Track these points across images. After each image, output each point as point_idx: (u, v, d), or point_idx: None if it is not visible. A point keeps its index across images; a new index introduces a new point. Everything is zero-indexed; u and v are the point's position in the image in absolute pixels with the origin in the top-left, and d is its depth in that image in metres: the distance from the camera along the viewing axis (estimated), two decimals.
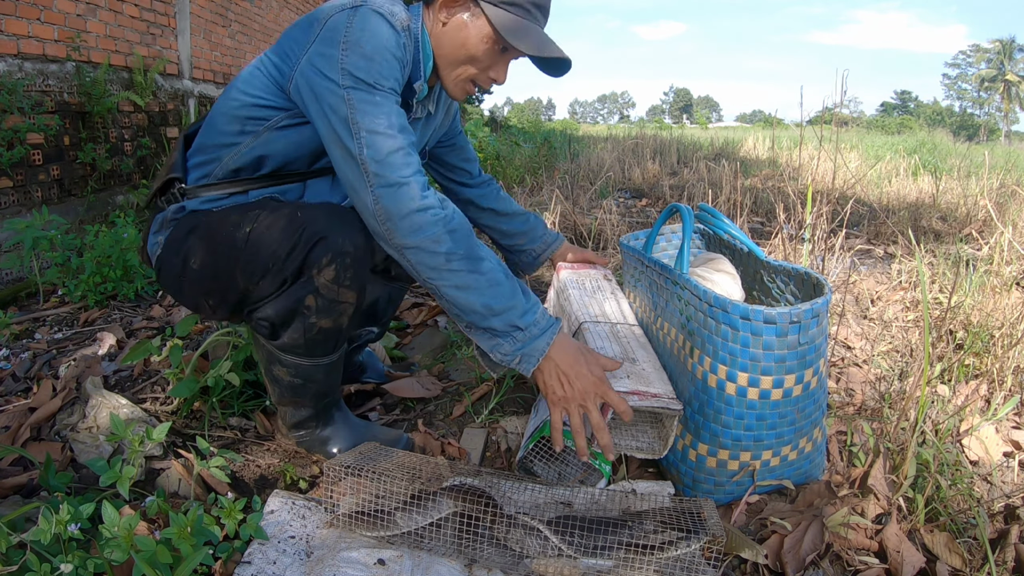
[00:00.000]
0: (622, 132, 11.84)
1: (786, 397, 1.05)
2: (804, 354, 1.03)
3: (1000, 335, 1.61)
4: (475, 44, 1.06)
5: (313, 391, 1.19)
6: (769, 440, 1.07)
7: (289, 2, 6.03)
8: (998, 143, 22.29)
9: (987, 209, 3.50)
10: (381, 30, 0.98)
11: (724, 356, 1.05)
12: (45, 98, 2.66)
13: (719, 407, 1.08)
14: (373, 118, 0.96)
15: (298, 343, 1.10)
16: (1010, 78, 50.46)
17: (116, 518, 0.84)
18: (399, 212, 0.95)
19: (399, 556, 0.92)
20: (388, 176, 0.95)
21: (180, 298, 1.19)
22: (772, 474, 1.11)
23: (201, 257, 1.09)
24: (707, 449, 1.10)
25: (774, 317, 0.99)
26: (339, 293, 1.04)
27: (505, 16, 1.03)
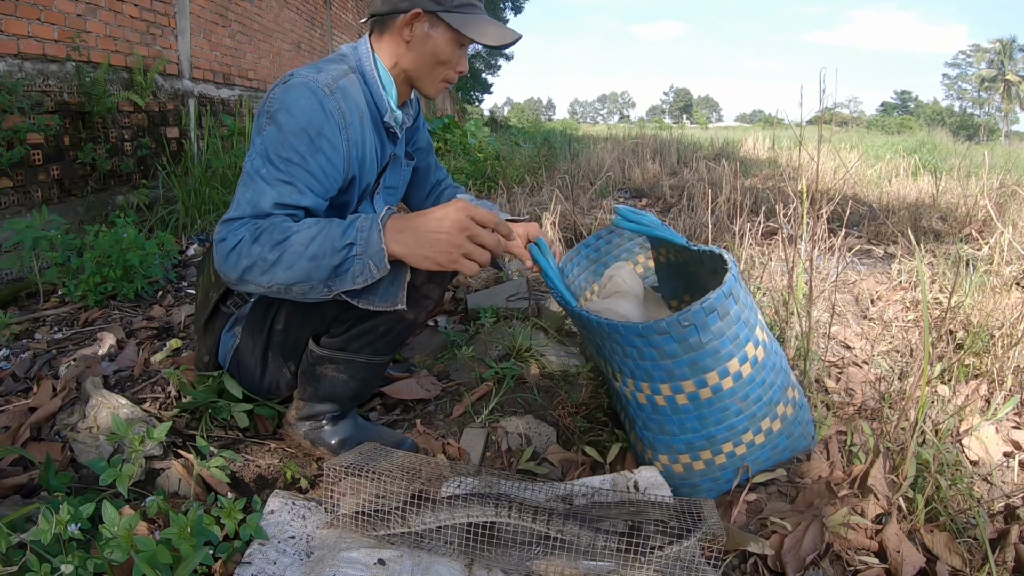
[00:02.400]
0: (622, 132, 11.83)
1: (717, 393, 1.04)
2: (716, 350, 1.01)
3: (1000, 335, 1.61)
4: (443, 49, 1.18)
5: (351, 392, 1.22)
6: (722, 434, 1.08)
7: (289, 2, 6.03)
8: (998, 143, 22.28)
9: (987, 209, 3.50)
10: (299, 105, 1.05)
11: (640, 374, 1.07)
12: (45, 98, 2.66)
13: (659, 420, 1.10)
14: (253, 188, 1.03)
15: (378, 330, 1.15)
16: (1010, 78, 50.44)
17: (116, 518, 0.84)
18: (220, 261, 1.01)
19: (399, 556, 0.92)
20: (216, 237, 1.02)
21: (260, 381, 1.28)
22: (746, 460, 1.12)
23: (286, 313, 1.19)
24: (668, 458, 1.13)
25: (665, 328, 0.99)
26: (430, 290, 1.11)
27: (461, 18, 1.16)
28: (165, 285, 2.40)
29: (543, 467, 1.28)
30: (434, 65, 1.19)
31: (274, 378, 1.28)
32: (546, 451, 1.33)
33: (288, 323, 1.20)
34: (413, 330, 1.20)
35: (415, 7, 1.14)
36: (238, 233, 1.00)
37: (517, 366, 1.60)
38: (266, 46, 5.44)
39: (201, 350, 1.33)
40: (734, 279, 1.02)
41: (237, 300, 1.29)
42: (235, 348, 1.28)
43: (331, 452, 1.25)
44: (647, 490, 1.12)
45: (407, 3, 1.14)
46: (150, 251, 2.29)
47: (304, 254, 0.98)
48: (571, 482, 1.13)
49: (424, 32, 1.16)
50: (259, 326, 1.23)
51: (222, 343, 1.30)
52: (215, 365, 1.32)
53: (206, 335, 1.31)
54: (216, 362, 1.31)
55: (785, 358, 1.17)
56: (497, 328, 1.85)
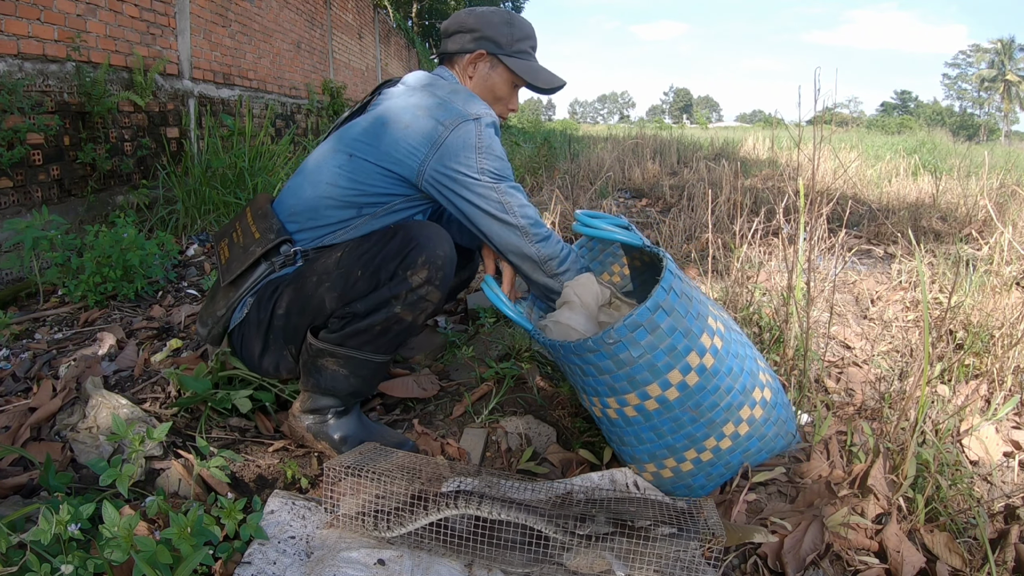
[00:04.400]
0: (622, 132, 11.83)
1: (663, 404, 1.04)
2: (652, 363, 1.00)
3: (1000, 335, 1.61)
4: (501, 87, 1.41)
5: (351, 388, 1.24)
6: (680, 443, 1.07)
7: (289, 2, 6.03)
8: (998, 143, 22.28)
9: (987, 209, 3.50)
10: (497, 138, 1.30)
11: (590, 389, 1.09)
12: (45, 98, 2.66)
13: (617, 432, 1.11)
14: (519, 199, 1.28)
15: (374, 329, 1.18)
16: (1010, 78, 50.43)
17: (116, 518, 0.84)
18: (553, 253, 1.30)
19: (399, 556, 0.92)
20: (541, 232, 1.29)
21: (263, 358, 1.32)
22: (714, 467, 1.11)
23: (288, 299, 1.25)
24: (635, 468, 1.14)
25: (592, 346, 0.99)
26: (428, 292, 1.17)
27: (520, 63, 1.39)
28: (165, 285, 2.40)
29: (543, 467, 1.28)
30: (492, 100, 1.40)
31: (273, 359, 1.31)
32: (546, 451, 1.33)
33: (289, 308, 1.25)
34: (411, 332, 1.23)
35: (480, 49, 1.36)
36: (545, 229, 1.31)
37: (517, 366, 1.60)
38: (266, 46, 5.44)
39: (219, 304, 1.32)
40: (663, 291, 0.99)
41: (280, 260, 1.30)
42: (242, 320, 1.31)
43: (332, 447, 1.25)
44: (647, 490, 1.12)
45: (473, 45, 1.37)
46: (150, 251, 2.29)
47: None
48: (570, 480, 1.13)
49: (486, 71, 1.39)
50: (265, 305, 1.28)
51: (236, 311, 1.32)
52: (222, 330, 1.32)
53: (230, 290, 1.31)
54: (224, 327, 1.32)
55: (752, 359, 1.14)
56: (497, 328, 1.85)
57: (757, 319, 1.74)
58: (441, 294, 1.20)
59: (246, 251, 1.31)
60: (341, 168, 1.29)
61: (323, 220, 1.31)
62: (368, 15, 9.71)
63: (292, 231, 1.31)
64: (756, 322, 1.71)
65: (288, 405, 1.42)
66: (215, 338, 1.34)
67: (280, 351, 1.29)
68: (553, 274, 1.31)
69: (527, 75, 1.38)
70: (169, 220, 3.15)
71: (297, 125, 6.07)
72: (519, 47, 1.38)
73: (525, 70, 1.39)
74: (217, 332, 1.33)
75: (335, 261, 1.21)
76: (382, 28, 10.71)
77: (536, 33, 1.44)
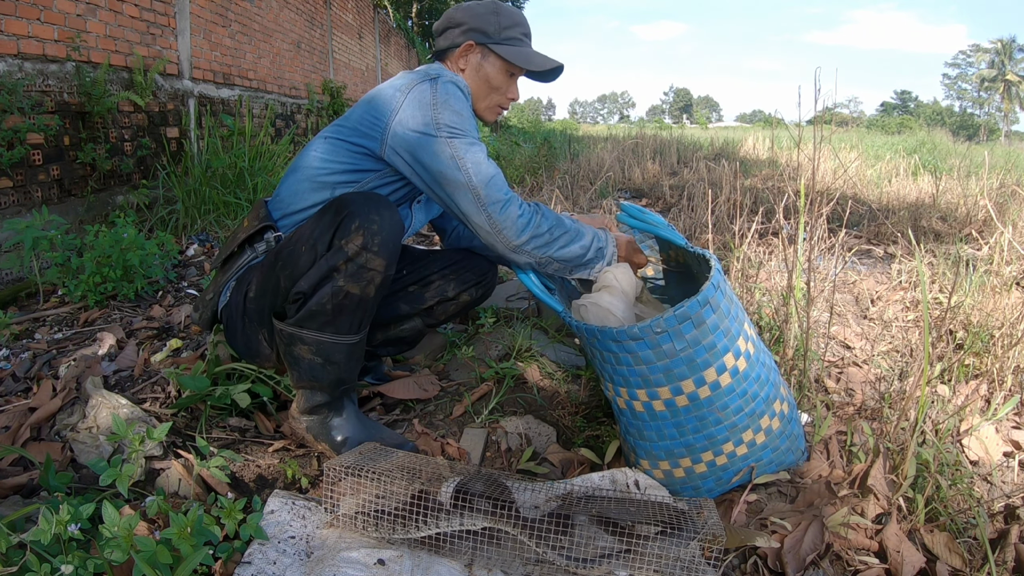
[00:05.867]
0: (622, 132, 11.83)
1: (693, 401, 1.03)
2: (692, 358, 1.01)
3: (1000, 335, 1.61)
4: (495, 76, 1.37)
5: (332, 376, 1.21)
6: (700, 443, 1.07)
7: (289, 2, 6.03)
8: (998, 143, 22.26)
9: (987, 209, 3.50)
10: (458, 96, 1.25)
11: (619, 379, 1.07)
12: (45, 98, 2.65)
13: (638, 425, 1.09)
14: (473, 155, 1.20)
15: (325, 309, 1.14)
16: (1010, 78, 50.41)
17: (116, 518, 0.84)
18: (508, 222, 1.20)
19: (399, 556, 0.92)
20: (495, 196, 1.20)
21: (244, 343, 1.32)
22: (725, 472, 1.11)
23: (256, 281, 1.26)
24: (648, 463, 1.13)
25: (638, 333, 0.99)
26: (367, 259, 1.12)
27: (510, 49, 1.35)
28: (165, 285, 2.40)
29: (543, 467, 1.28)
30: (488, 91, 1.38)
31: (250, 342, 1.31)
32: (546, 451, 1.33)
33: (256, 291, 1.26)
34: (366, 307, 1.18)
35: (468, 40, 1.34)
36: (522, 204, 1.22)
37: (517, 366, 1.60)
38: (266, 46, 5.44)
39: (208, 290, 1.39)
40: (713, 287, 1.00)
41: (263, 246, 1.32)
42: (226, 304, 1.34)
43: (332, 447, 1.24)
44: (647, 489, 1.12)
45: (462, 38, 1.35)
46: (150, 251, 2.29)
47: (576, 241, 1.26)
48: (570, 480, 1.13)
49: (477, 62, 1.36)
50: (241, 288, 1.30)
51: (222, 295, 1.35)
52: (210, 313, 1.36)
53: (219, 276, 1.37)
54: (212, 311, 1.36)
55: (776, 371, 1.16)
56: (497, 328, 1.85)
57: (757, 319, 1.74)
58: (384, 260, 1.13)
59: (233, 238, 1.36)
60: (318, 151, 1.33)
61: (301, 204, 1.32)
62: (368, 15, 9.71)
63: (276, 218, 1.34)
64: (756, 322, 1.71)
65: (288, 403, 1.42)
66: (206, 321, 1.38)
67: (255, 334, 1.30)
68: (512, 247, 1.22)
69: (519, 60, 1.35)
70: (169, 220, 3.15)
71: (297, 125, 6.06)
72: (508, 34, 1.36)
73: (516, 55, 1.35)
74: (207, 316, 1.37)
75: (287, 240, 1.21)
76: (382, 28, 10.71)
77: (527, 20, 1.41)
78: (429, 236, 3.42)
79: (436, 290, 1.53)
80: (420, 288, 1.52)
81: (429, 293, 1.52)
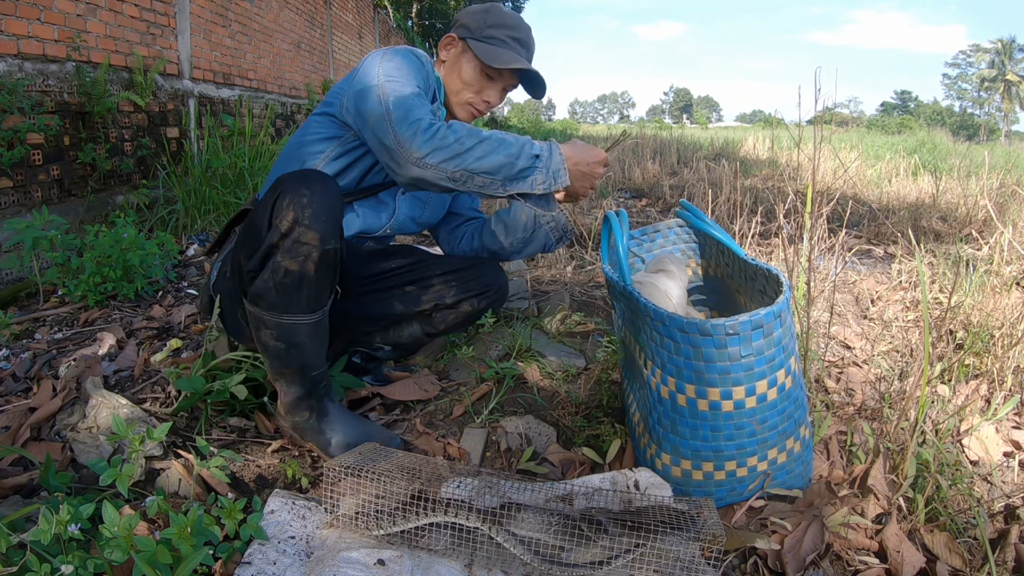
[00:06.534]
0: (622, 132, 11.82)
1: (738, 409, 1.03)
2: (751, 366, 1.00)
3: (1000, 335, 1.61)
4: (467, 72, 1.39)
5: (298, 361, 1.20)
6: (729, 451, 1.06)
7: (289, 2, 6.03)
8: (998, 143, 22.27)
9: (987, 209, 3.50)
10: (408, 56, 1.30)
11: (671, 368, 1.05)
12: (45, 98, 2.66)
13: (674, 418, 1.08)
14: (398, 89, 1.21)
15: (269, 287, 1.14)
16: (1010, 78, 50.41)
17: (116, 518, 0.84)
18: (410, 133, 1.16)
19: (399, 556, 0.92)
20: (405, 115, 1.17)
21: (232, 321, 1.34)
22: (741, 484, 1.10)
23: (231, 262, 1.28)
24: (670, 459, 1.12)
25: (709, 330, 0.98)
26: (300, 234, 1.11)
27: (485, 47, 1.36)
28: (165, 285, 2.40)
29: (543, 467, 1.28)
30: (460, 86, 1.39)
31: (236, 320, 1.33)
32: (546, 451, 1.33)
33: (230, 272, 1.29)
34: (313, 284, 1.14)
35: (451, 33, 1.39)
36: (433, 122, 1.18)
37: (517, 366, 1.60)
38: (266, 46, 5.44)
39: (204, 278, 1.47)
40: (785, 303, 1.01)
41: None
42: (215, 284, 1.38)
43: (319, 446, 1.24)
44: (647, 489, 1.12)
45: (452, 30, 1.41)
46: (150, 251, 2.29)
47: (499, 150, 1.17)
48: (571, 481, 1.13)
49: (455, 55, 1.40)
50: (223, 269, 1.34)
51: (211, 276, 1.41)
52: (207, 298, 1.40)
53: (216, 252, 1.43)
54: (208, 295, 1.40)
55: (806, 396, 1.15)
56: (497, 328, 1.85)
57: None
58: (317, 232, 1.10)
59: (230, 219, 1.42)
60: (299, 130, 1.42)
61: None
62: (368, 15, 9.71)
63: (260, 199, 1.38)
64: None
65: None
66: (205, 306, 1.41)
67: (235, 313, 1.31)
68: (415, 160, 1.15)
69: (485, 56, 1.35)
70: (169, 220, 3.15)
71: (297, 125, 6.07)
72: (491, 33, 1.36)
73: (485, 52, 1.36)
74: (205, 300, 1.41)
75: (247, 221, 1.23)
76: (382, 28, 10.71)
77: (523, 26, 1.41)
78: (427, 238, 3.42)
79: (434, 294, 1.51)
80: (418, 289, 1.51)
81: (427, 296, 1.51)
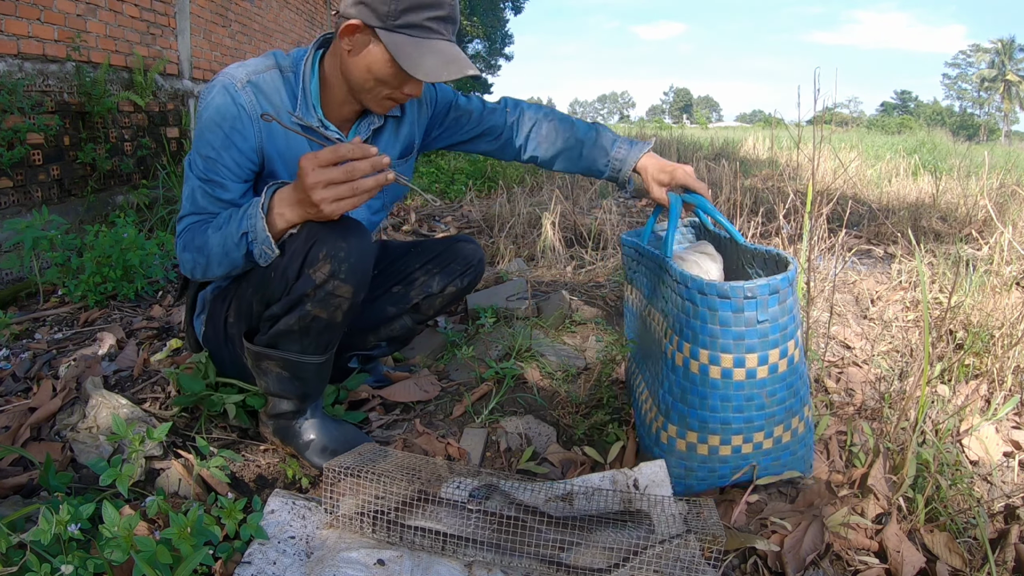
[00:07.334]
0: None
1: (750, 378, 1.04)
2: (765, 333, 1.02)
3: (1000, 335, 1.61)
4: (379, 68, 1.10)
5: (299, 390, 1.21)
6: (737, 424, 1.07)
7: (289, 2, 6.04)
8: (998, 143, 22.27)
9: (987, 209, 3.50)
10: (215, 102, 1.12)
11: (688, 333, 1.07)
12: (45, 98, 2.66)
13: (685, 386, 1.09)
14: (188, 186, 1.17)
15: (292, 330, 1.13)
16: (1010, 78, 50.43)
17: (116, 518, 0.84)
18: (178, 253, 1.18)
19: (399, 556, 0.92)
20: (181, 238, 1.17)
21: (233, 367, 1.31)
22: (745, 461, 1.10)
23: (235, 309, 1.24)
24: (676, 431, 1.12)
25: (728, 292, 1.00)
26: (335, 287, 1.09)
27: (401, 40, 1.06)
28: (165, 285, 2.40)
29: (543, 467, 1.28)
30: (374, 83, 1.12)
31: (239, 365, 1.29)
32: (546, 451, 1.33)
33: (234, 318, 1.25)
34: (334, 330, 1.16)
35: (357, 18, 1.06)
36: (178, 240, 1.17)
37: (517, 366, 1.60)
38: (266, 46, 5.44)
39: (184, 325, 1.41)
40: (795, 272, 1.05)
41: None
42: (204, 336, 1.33)
43: (297, 449, 1.25)
44: (647, 488, 1.12)
45: (354, 10, 1.06)
46: (150, 251, 2.29)
47: (220, 252, 1.11)
48: (570, 481, 1.13)
49: (364, 46, 1.09)
50: (217, 319, 1.29)
51: (195, 327, 1.36)
52: (197, 345, 1.37)
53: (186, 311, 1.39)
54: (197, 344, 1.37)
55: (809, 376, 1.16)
56: (497, 328, 1.85)
57: None
58: (352, 286, 1.09)
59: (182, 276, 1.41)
60: None
61: None
62: None
63: None
64: None
65: None
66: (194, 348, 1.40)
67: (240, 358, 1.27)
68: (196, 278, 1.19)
69: (405, 60, 1.06)
70: (169, 220, 3.15)
71: None
72: (407, 19, 1.05)
73: (403, 54, 1.06)
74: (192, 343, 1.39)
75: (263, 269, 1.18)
76: None
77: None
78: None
79: (421, 287, 1.48)
80: (404, 287, 1.48)
81: (414, 291, 1.48)
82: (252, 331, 1.22)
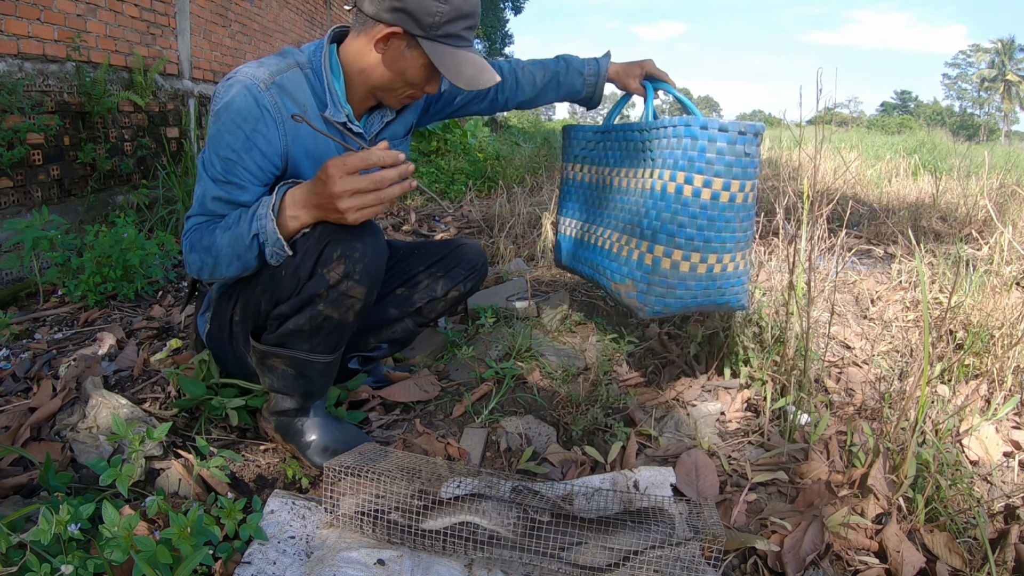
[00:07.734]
0: None
1: (732, 202, 1.26)
2: (748, 164, 1.26)
3: (1000, 335, 1.61)
4: (414, 73, 1.15)
5: (304, 388, 1.21)
6: (716, 243, 1.28)
7: (289, 2, 6.04)
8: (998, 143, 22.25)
9: (987, 209, 3.49)
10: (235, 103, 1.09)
11: (683, 164, 1.27)
12: (45, 98, 2.66)
13: (676, 208, 1.28)
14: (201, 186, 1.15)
15: (303, 329, 1.13)
16: (1010, 78, 50.42)
17: (116, 518, 0.84)
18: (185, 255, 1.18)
19: (399, 556, 0.92)
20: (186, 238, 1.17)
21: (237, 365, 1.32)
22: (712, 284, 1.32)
23: (241, 307, 1.23)
24: (663, 251, 1.30)
25: (727, 126, 1.24)
26: (348, 288, 1.09)
27: (442, 49, 1.10)
28: (165, 285, 2.40)
29: (543, 467, 1.28)
30: (403, 85, 1.17)
31: (243, 364, 1.30)
32: (546, 451, 1.33)
33: (240, 316, 1.25)
34: (345, 330, 1.16)
35: (398, 25, 1.08)
36: (184, 240, 1.16)
37: (517, 366, 1.60)
38: (266, 46, 5.44)
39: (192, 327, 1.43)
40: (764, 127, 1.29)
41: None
42: (208, 334, 1.34)
43: (298, 448, 1.25)
44: (647, 489, 1.12)
45: (392, 16, 1.08)
46: (150, 251, 2.29)
47: (230, 253, 1.10)
48: (571, 481, 1.13)
49: (400, 51, 1.12)
50: (222, 317, 1.29)
51: (199, 326, 1.37)
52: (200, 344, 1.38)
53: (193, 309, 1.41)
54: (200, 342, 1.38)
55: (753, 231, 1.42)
56: (497, 328, 1.85)
57: (757, 319, 1.74)
58: (365, 287, 1.10)
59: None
60: None
61: None
62: None
63: None
64: (756, 322, 1.71)
65: None
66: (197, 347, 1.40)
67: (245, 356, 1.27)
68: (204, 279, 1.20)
69: (448, 69, 1.10)
70: (169, 220, 3.15)
71: None
72: (448, 29, 1.09)
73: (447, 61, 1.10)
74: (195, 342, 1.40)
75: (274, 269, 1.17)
76: None
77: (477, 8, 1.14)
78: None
79: (424, 290, 1.48)
80: (408, 290, 1.48)
81: (418, 295, 1.48)
82: (258, 329, 1.22)
